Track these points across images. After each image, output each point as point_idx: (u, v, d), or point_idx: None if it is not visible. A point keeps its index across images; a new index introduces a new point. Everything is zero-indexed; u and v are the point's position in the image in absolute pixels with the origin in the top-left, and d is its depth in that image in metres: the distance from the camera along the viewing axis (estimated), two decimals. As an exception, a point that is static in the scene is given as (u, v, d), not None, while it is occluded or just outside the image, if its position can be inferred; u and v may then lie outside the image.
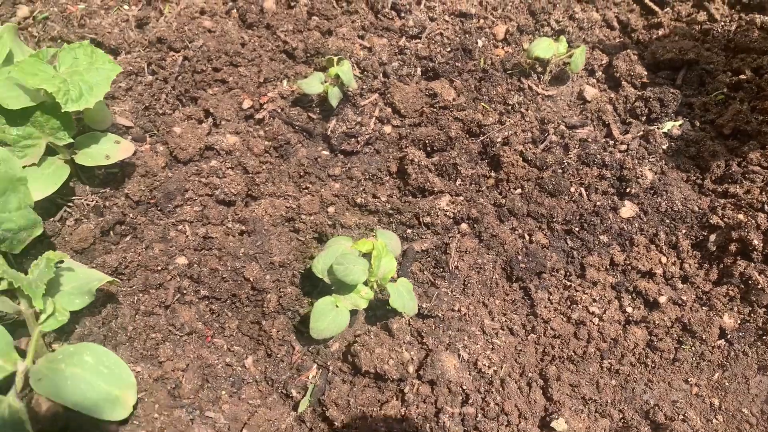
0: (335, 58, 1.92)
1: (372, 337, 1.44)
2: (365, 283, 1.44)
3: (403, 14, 2.23)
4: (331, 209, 1.83)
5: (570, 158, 1.84)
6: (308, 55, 2.12)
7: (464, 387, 1.42)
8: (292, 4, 2.26)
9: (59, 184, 1.61)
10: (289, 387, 1.47)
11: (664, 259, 1.73)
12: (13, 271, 1.21)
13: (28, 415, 1.15)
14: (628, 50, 2.04)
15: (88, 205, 1.72)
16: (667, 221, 1.75)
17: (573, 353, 1.60)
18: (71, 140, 1.61)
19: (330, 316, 1.40)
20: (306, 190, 1.87)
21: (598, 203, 1.77)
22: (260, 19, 2.21)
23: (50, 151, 1.63)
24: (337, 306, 1.42)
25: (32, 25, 2.26)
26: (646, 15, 2.24)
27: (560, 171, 1.83)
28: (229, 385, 1.50)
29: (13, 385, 1.20)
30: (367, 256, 1.42)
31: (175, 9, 2.26)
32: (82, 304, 1.29)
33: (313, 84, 1.90)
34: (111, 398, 1.18)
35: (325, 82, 1.92)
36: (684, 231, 1.74)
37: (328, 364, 1.47)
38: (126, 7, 2.31)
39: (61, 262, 1.26)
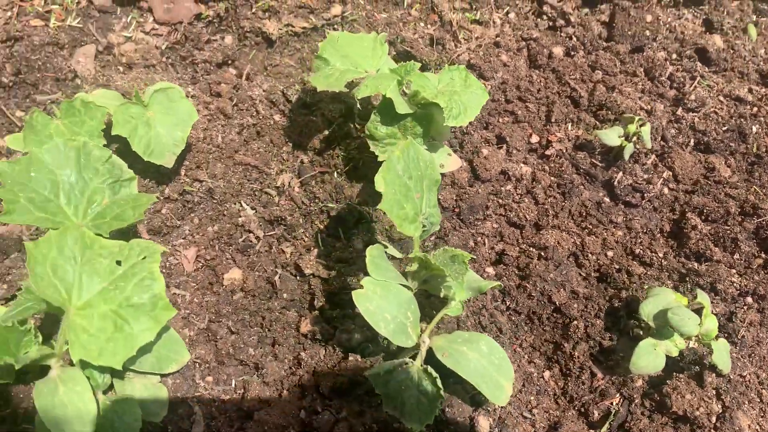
0: (636, 118, 2.10)
1: (683, 383, 1.61)
2: (681, 335, 1.60)
3: (676, 85, 2.40)
4: (609, 253, 2.00)
5: None
6: (592, 104, 2.30)
7: (757, 448, 1.58)
8: (572, 54, 2.46)
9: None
10: (590, 408, 1.65)
11: None
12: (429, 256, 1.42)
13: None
14: None
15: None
16: None
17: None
18: (424, 147, 1.83)
19: (650, 357, 1.57)
20: (586, 230, 2.05)
21: None
22: (548, 62, 2.41)
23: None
24: (655, 349, 1.59)
25: (339, 24, 2.51)
26: None
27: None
28: (535, 392, 1.68)
29: (418, 354, 1.41)
30: (696, 311, 1.59)
31: (471, 36, 2.49)
32: (469, 296, 1.50)
33: (612, 137, 2.09)
34: (498, 385, 1.38)
35: (622, 136, 2.10)
36: None
37: (633, 396, 1.64)
38: (422, 24, 2.54)
39: (468, 260, 1.45)
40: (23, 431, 1.43)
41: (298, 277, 1.80)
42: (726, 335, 1.79)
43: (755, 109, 2.33)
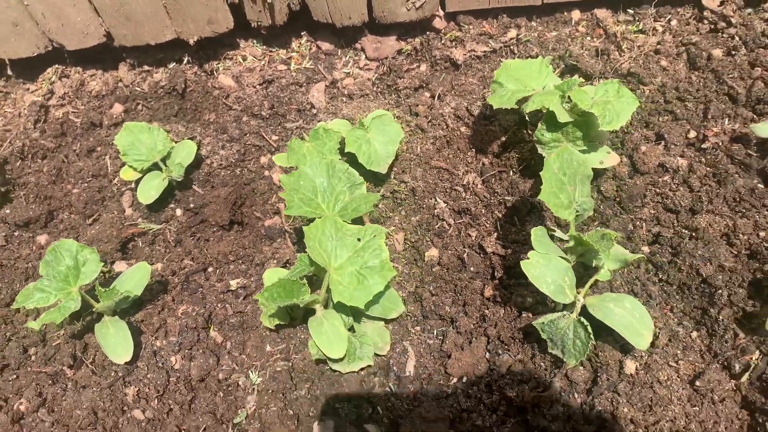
0: (790, 111, 2.30)
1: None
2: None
3: (842, 74, 2.50)
4: (762, 233, 2.23)
5: None
6: (750, 100, 2.51)
7: None
8: (733, 54, 2.67)
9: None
10: (732, 362, 1.94)
11: None
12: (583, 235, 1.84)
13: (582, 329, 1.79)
14: None
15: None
16: None
17: None
18: (585, 148, 2.23)
19: (786, 319, 1.84)
20: (739, 214, 2.30)
21: None
22: (707, 64, 2.65)
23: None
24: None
25: (515, 44, 2.96)
26: None
27: None
28: (681, 348, 2.02)
29: (574, 309, 1.85)
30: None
31: (633, 45, 2.80)
32: (617, 266, 1.89)
33: (765, 129, 2.31)
34: (639, 333, 1.76)
35: (776, 128, 2.31)
36: None
37: (773, 354, 1.91)
38: (588, 38, 2.91)
39: (615, 237, 1.85)
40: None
41: (481, 255, 2.31)
42: None
43: None
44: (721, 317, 2.03)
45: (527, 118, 2.51)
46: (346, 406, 2.01)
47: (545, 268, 1.82)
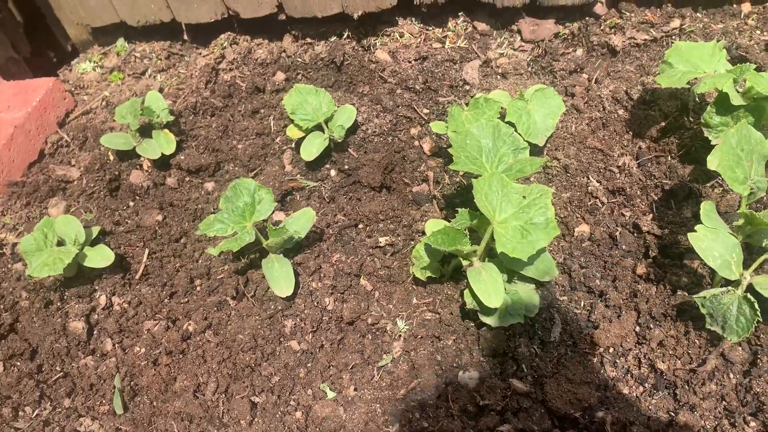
0: None
1: None
2: None
3: None
4: None
5: None
6: None
7: None
8: None
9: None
10: None
11: None
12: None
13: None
14: None
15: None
16: None
17: None
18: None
19: None
20: None
21: None
22: None
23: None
24: None
25: (677, 35, 2.91)
26: None
27: None
28: None
29: (740, 286, 1.82)
30: None
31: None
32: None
33: None
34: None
35: None
36: None
37: None
38: (758, 32, 2.81)
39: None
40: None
41: (635, 234, 2.30)
42: None
43: None
44: None
45: (697, 99, 2.47)
46: (491, 360, 2.07)
47: (713, 241, 1.80)
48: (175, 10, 3.37)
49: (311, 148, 2.75)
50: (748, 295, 1.77)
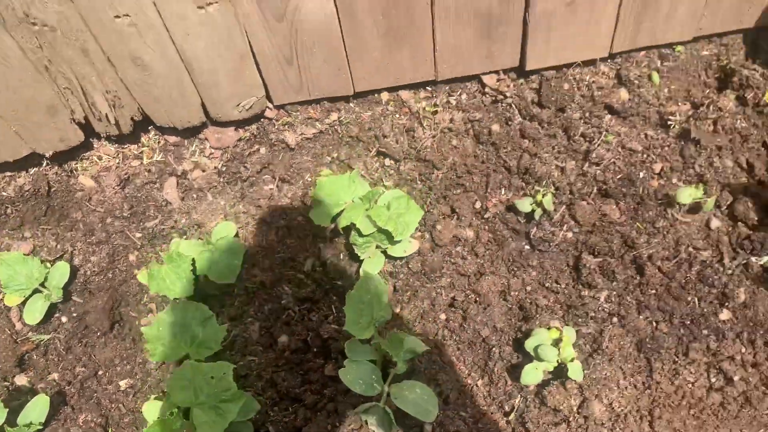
0: (542, 191, 2.98)
1: (554, 388, 2.62)
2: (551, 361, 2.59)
3: (587, 140, 3.21)
4: (528, 287, 2.96)
5: (691, 275, 2.83)
6: (519, 170, 3.18)
7: (603, 421, 2.58)
8: (509, 123, 3.31)
9: (380, 266, 2.87)
10: (503, 404, 2.69)
11: (743, 350, 2.74)
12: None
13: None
14: (746, 198, 2.93)
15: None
16: (751, 325, 2.74)
17: (672, 403, 2.69)
18: (390, 245, 2.84)
19: (533, 374, 2.59)
20: (512, 273, 3.01)
21: (705, 309, 2.78)
22: (488, 138, 3.28)
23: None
24: (536, 369, 2.60)
25: (338, 124, 3.47)
26: (771, 158, 3.07)
27: (683, 282, 2.83)
28: (470, 396, 2.74)
29: (382, 398, 2.51)
30: (556, 342, 2.57)
31: (432, 122, 3.38)
32: (408, 357, 2.55)
33: (525, 205, 3.00)
34: (427, 411, 2.45)
35: (533, 204, 3.00)
36: (761, 333, 2.73)
37: (528, 397, 2.67)
38: (397, 116, 3.46)
39: (404, 337, 2.49)
40: None
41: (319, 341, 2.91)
42: (596, 347, 2.75)
43: (644, 156, 3.12)
44: (496, 369, 2.76)
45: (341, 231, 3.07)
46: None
47: (356, 372, 2.45)
48: None
49: (34, 313, 2.98)
50: (386, 407, 2.47)
